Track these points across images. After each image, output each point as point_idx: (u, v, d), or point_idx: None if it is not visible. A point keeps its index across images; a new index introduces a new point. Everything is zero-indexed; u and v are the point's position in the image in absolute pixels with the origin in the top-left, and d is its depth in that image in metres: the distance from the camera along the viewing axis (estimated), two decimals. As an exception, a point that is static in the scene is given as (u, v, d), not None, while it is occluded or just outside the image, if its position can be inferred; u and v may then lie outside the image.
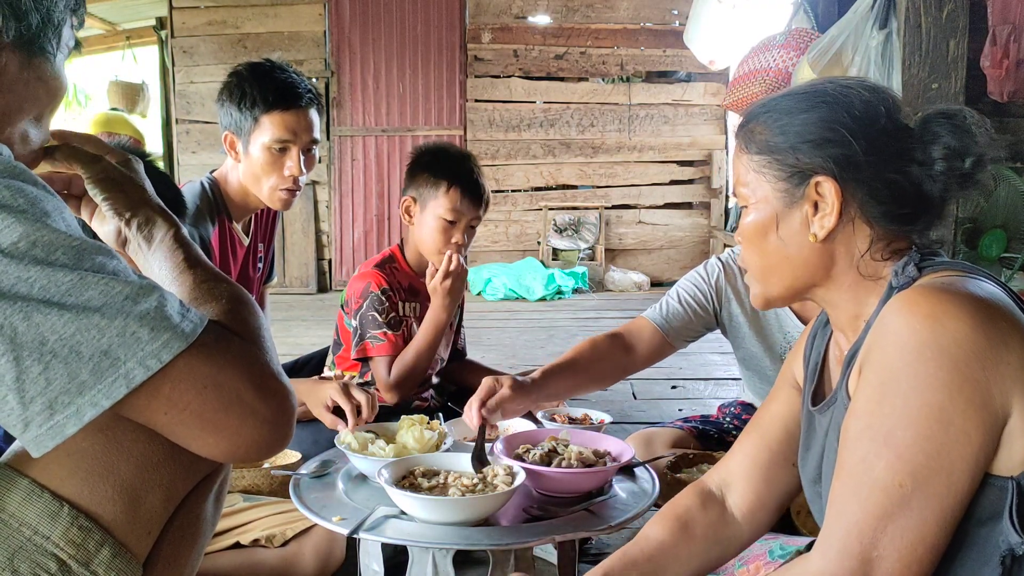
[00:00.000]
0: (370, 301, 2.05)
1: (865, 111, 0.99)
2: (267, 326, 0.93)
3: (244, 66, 2.04)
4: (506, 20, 7.03)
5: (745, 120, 1.09)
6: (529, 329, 5.20)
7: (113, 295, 0.75)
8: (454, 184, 2.06)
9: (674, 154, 7.17)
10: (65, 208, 0.79)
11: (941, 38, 3.01)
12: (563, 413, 1.93)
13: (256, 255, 2.25)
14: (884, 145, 0.98)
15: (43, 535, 0.79)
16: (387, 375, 2.00)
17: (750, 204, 1.06)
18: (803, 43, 4.91)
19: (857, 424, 0.90)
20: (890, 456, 0.85)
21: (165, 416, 0.78)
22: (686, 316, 1.93)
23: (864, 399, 0.90)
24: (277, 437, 0.83)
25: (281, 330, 4.91)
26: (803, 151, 1.01)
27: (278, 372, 0.85)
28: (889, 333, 0.89)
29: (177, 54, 6.96)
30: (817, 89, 1.03)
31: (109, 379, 0.73)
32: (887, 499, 0.85)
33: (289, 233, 6.85)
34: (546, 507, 1.42)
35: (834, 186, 0.99)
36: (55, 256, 0.73)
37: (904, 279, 0.97)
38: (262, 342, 0.87)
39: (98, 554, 0.81)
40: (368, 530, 1.29)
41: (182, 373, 0.77)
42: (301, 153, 2.01)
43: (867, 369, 0.91)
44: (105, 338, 0.73)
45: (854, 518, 0.87)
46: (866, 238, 1.00)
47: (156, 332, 0.75)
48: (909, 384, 0.85)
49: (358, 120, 6.96)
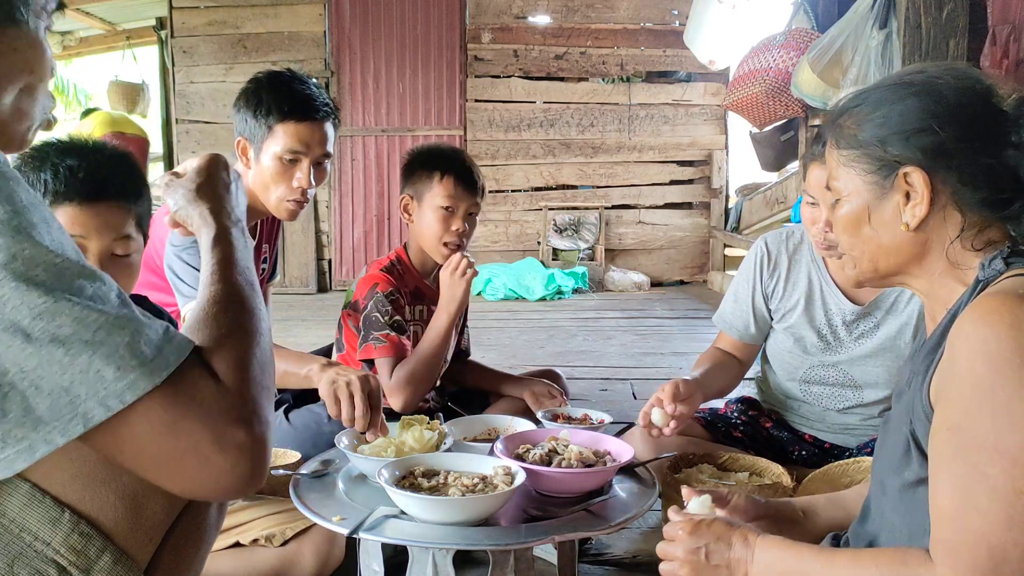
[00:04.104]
0: (375, 302, 2.05)
1: (956, 98, 1.00)
2: (268, 358, 0.89)
3: (264, 74, 2.04)
4: (506, 20, 7.03)
5: (834, 115, 1.11)
6: (529, 329, 5.20)
7: (85, 324, 0.71)
8: (447, 172, 2.10)
9: (674, 154, 7.16)
10: (54, 220, 0.76)
11: (941, 38, 3.01)
12: (563, 413, 1.93)
13: (261, 256, 2.25)
14: (977, 131, 0.99)
15: (44, 541, 0.78)
16: (389, 378, 2.00)
17: (842, 197, 1.08)
18: (803, 43, 4.91)
19: (956, 438, 0.90)
20: (1004, 463, 0.86)
21: (121, 456, 0.75)
22: (740, 310, 2.06)
23: (959, 412, 0.90)
24: (237, 487, 0.78)
25: (281, 330, 4.91)
26: (891, 143, 1.02)
27: (251, 419, 0.79)
28: (975, 344, 0.89)
29: (177, 54, 6.95)
30: (905, 80, 1.04)
31: (66, 417, 0.70)
32: (1011, 506, 0.85)
33: (289, 233, 6.85)
34: (546, 507, 1.42)
35: (923, 176, 1.00)
36: (34, 273, 0.70)
37: (991, 272, 0.97)
38: (247, 383, 0.82)
39: (99, 561, 0.79)
40: (368, 530, 1.29)
41: (141, 416, 0.73)
42: (312, 165, 2.00)
43: (957, 382, 0.91)
44: (67, 374, 0.70)
45: (980, 530, 0.86)
46: (957, 225, 1.01)
47: (122, 371, 0.72)
48: (1007, 392, 0.86)
49: (358, 120, 6.96)
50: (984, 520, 0.86)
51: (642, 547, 2.01)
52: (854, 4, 3.88)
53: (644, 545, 2.02)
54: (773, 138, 6.18)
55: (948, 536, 0.90)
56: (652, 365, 4.19)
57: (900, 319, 1.91)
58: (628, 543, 2.03)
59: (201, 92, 6.96)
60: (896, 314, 1.92)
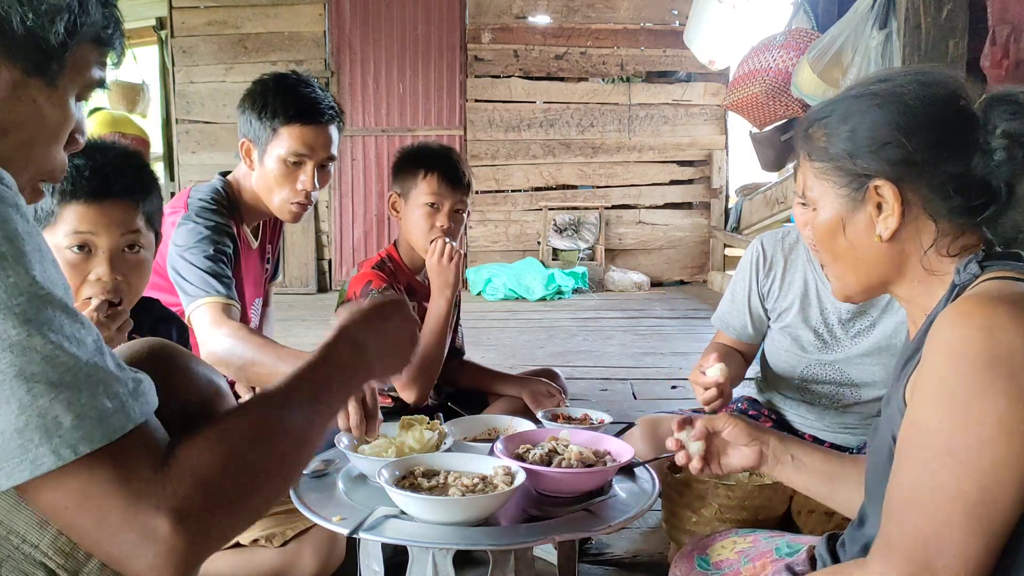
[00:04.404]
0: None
1: (922, 108, 0.99)
2: (268, 493, 0.83)
3: (269, 76, 2.05)
4: (506, 20, 7.03)
5: (805, 125, 1.11)
6: (529, 329, 5.20)
7: (54, 365, 0.68)
8: (432, 170, 2.13)
9: (674, 154, 7.16)
10: (48, 253, 0.73)
11: (941, 38, 3.01)
12: (563, 413, 1.93)
13: (264, 257, 2.26)
14: (944, 140, 0.98)
15: (31, 543, 0.76)
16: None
17: (817, 207, 1.08)
18: (803, 43, 4.91)
19: (916, 434, 0.90)
20: (953, 464, 0.86)
21: (43, 507, 0.71)
22: (737, 311, 2.06)
23: (922, 409, 0.90)
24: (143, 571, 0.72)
25: (281, 330, 4.89)
26: (860, 156, 1.02)
27: (183, 516, 0.71)
28: (944, 344, 0.89)
29: (177, 54, 6.95)
30: (871, 91, 1.03)
31: (15, 460, 0.67)
32: (952, 506, 0.85)
33: (289, 233, 6.85)
34: (546, 507, 1.42)
35: (893, 189, 0.99)
36: (15, 302, 0.67)
37: (966, 276, 0.97)
38: (210, 488, 0.74)
39: (87, 563, 0.77)
40: (368, 530, 1.29)
41: (82, 472, 0.69)
42: (316, 168, 2.01)
43: (924, 380, 0.92)
44: (24, 415, 0.67)
45: (918, 525, 0.87)
46: (931, 234, 1.01)
47: (79, 420, 0.68)
48: (968, 393, 0.86)
49: (358, 120, 6.96)
50: (924, 515, 0.87)
51: (642, 547, 2.02)
52: (854, 4, 3.87)
53: (644, 545, 2.03)
54: (773, 138, 6.17)
55: (889, 529, 0.90)
56: (652, 365, 4.20)
57: (896, 317, 1.92)
58: (628, 543, 2.03)
59: (201, 92, 6.96)
60: (892, 312, 1.92)
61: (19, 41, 0.79)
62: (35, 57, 0.81)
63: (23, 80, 0.81)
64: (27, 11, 0.79)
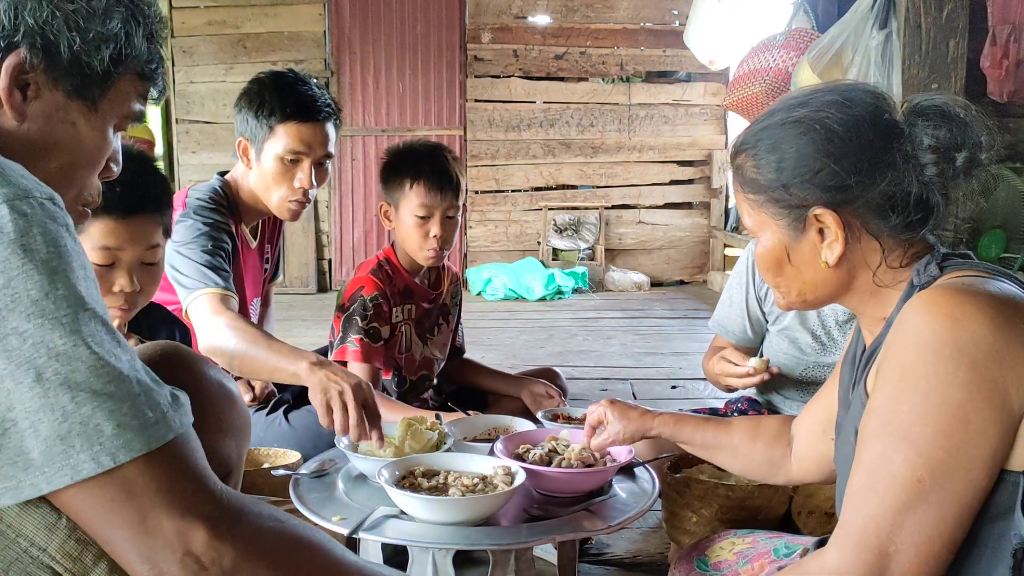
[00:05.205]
0: (358, 305, 2.06)
1: (845, 131, 0.98)
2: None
3: (266, 74, 2.04)
4: (506, 20, 7.03)
5: (732, 153, 1.10)
6: (529, 329, 5.20)
7: (98, 375, 0.71)
8: (417, 179, 2.07)
9: (674, 154, 7.16)
10: (91, 271, 0.77)
11: (941, 38, 3.01)
12: (563, 413, 1.93)
13: (264, 256, 2.26)
14: (872, 159, 0.97)
15: (39, 547, 0.76)
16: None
17: (759, 237, 1.07)
18: (803, 43, 4.90)
19: (875, 420, 0.90)
20: (909, 451, 0.86)
21: (77, 513, 0.73)
22: (735, 315, 2.07)
23: (883, 396, 0.90)
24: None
25: (281, 330, 4.89)
26: (793, 186, 1.01)
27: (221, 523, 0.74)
28: (909, 332, 0.89)
29: (177, 54, 6.95)
30: (793, 117, 1.02)
31: (57, 464, 0.70)
32: (905, 494, 0.86)
33: (289, 233, 6.84)
34: (546, 507, 1.42)
35: (832, 215, 0.99)
36: (63, 313, 0.71)
37: (926, 278, 0.97)
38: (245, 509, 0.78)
39: (95, 568, 0.78)
40: (368, 530, 1.29)
41: (122, 478, 0.71)
42: (313, 166, 2.00)
43: (885, 367, 0.92)
44: (68, 422, 0.70)
45: (872, 512, 0.87)
46: (876, 252, 1.00)
47: (121, 429, 0.71)
48: (928, 382, 0.86)
49: (358, 120, 6.96)
50: (879, 502, 0.87)
51: (642, 547, 2.02)
52: (854, 4, 3.87)
53: (644, 545, 2.03)
54: (773, 138, 6.17)
55: (846, 517, 0.91)
56: (652, 365, 4.20)
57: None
58: (628, 543, 2.03)
59: (201, 92, 6.96)
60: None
61: (64, 65, 0.83)
62: (78, 81, 0.84)
63: (65, 103, 0.84)
64: (75, 36, 0.82)
